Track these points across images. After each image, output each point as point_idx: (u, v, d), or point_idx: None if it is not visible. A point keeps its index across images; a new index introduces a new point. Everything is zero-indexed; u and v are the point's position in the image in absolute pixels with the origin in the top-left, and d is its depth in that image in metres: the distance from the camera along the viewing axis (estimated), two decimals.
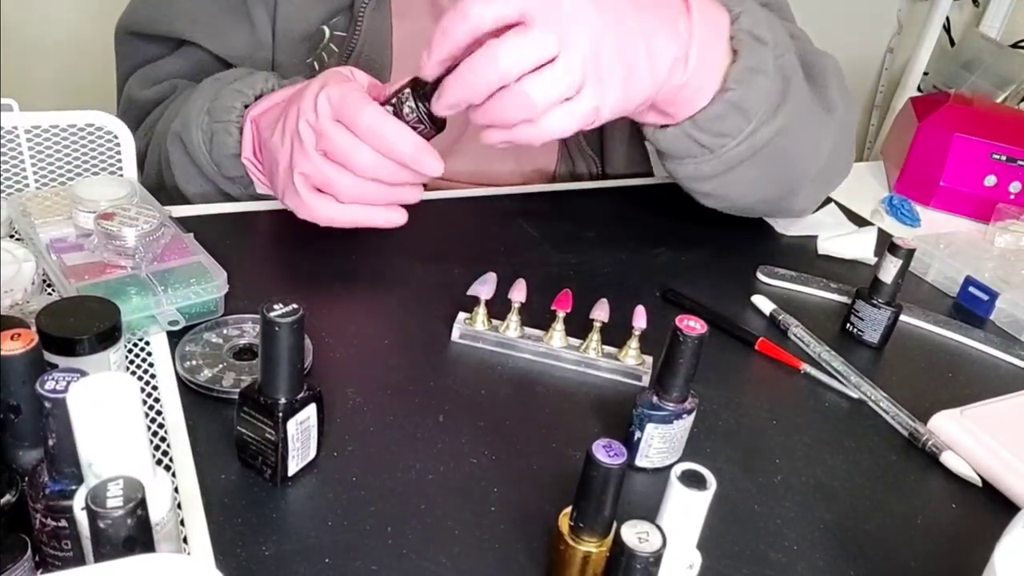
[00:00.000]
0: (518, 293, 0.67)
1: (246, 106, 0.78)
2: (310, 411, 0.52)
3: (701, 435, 0.62)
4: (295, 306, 0.48)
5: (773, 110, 0.75)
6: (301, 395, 0.51)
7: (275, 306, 0.48)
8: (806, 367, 0.72)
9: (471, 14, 0.60)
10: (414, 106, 0.66)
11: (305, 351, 0.61)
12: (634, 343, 0.66)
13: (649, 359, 0.67)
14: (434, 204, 0.87)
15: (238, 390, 0.53)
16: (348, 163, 0.66)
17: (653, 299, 0.79)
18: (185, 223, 0.74)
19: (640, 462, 0.58)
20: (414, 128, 0.66)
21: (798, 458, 0.62)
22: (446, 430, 0.60)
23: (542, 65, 0.60)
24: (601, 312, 0.66)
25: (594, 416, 0.63)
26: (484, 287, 0.66)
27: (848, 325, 0.78)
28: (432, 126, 0.67)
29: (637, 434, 0.57)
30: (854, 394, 0.70)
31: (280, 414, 0.50)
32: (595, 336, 0.67)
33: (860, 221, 1.02)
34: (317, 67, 0.91)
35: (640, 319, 0.65)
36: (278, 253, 0.72)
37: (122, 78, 0.97)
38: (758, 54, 0.72)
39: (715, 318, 0.75)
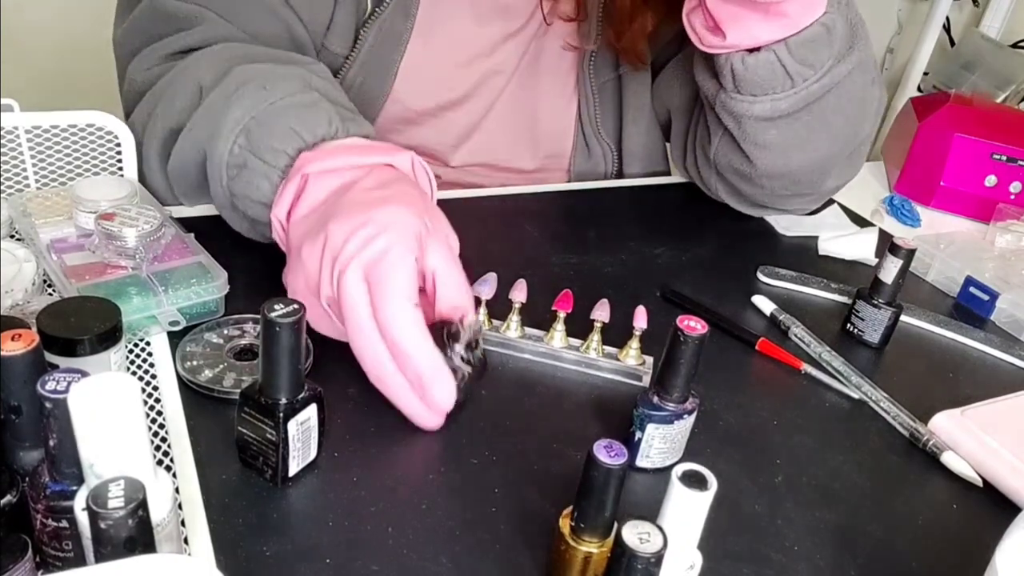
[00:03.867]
0: (519, 293, 0.67)
1: (299, 150, 0.65)
2: (311, 411, 0.52)
3: (702, 435, 0.62)
4: (295, 306, 0.48)
5: (848, 47, 0.76)
6: (302, 395, 0.51)
7: (276, 306, 0.48)
8: (807, 367, 0.72)
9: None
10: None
11: (305, 351, 0.61)
12: (635, 343, 0.66)
13: (650, 359, 0.67)
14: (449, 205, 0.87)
15: (239, 390, 0.53)
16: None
17: (654, 299, 0.79)
18: (186, 223, 0.74)
19: (641, 462, 0.58)
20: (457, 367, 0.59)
21: (799, 458, 0.62)
22: (447, 430, 0.60)
23: None
24: (602, 312, 0.66)
25: (595, 416, 0.63)
26: (485, 287, 0.66)
27: (849, 325, 0.78)
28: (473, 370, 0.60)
29: (638, 434, 0.57)
30: (855, 394, 0.70)
31: (281, 414, 0.50)
32: (596, 336, 0.67)
33: (861, 221, 1.02)
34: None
35: (641, 319, 0.65)
36: (279, 253, 0.72)
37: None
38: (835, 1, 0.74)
39: (716, 318, 0.75)
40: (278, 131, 0.66)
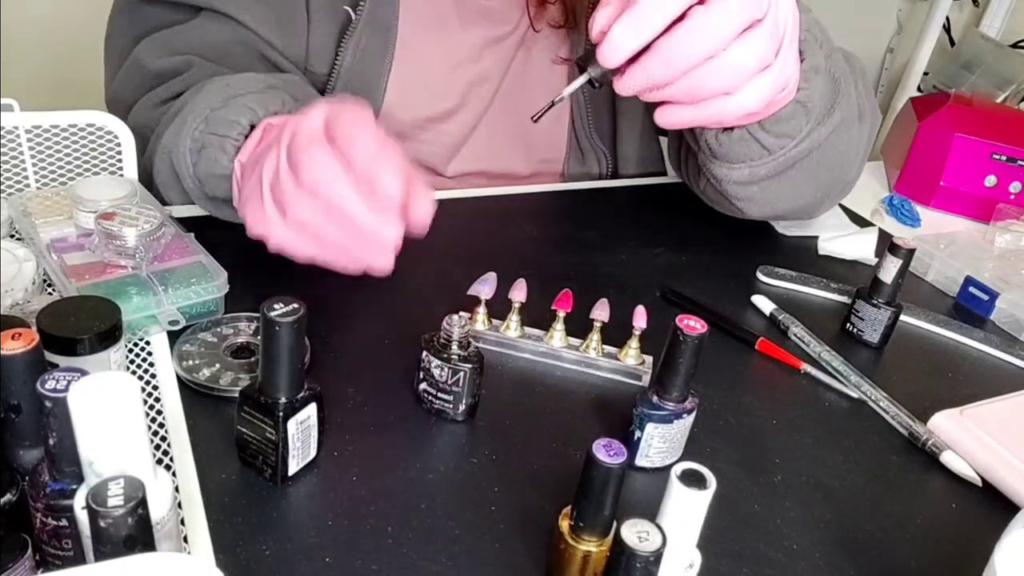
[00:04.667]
0: (518, 293, 0.67)
1: (252, 125, 0.68)
2: (310, 410, 0.52)
3: (701, 435, 0.63)
4: (295, 305, 0.48)
5: (828, 108, 0.75)
6: (301, 394, 0.51)
7: (275, 305, 0.48)
8: (806, 367, 0.72)
9: None
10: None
11: (305, 350, 0.61)
12: (634, 343, 0.66)
13: (649, 359, 0.67)
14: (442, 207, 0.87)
15: (237, 389, 0.53)
16: (314, 186, 0.56)
17: (653, 299, 0.79)
18: (186, 223, 0.74)
19: (640, 462, 0.58)
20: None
21: (798, 458, 0.62)
22: (446, 430, 0.60)
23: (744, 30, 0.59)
24: (601, 312, 0.66)
25: (594, 416, 0.63)
26: (485, 287, 0.66)
27: (848, 325, 0.78)
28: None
29: (637, 434, 0.57)
30: (854, 394, 0.70)
31: (280, 413, 0.50)
32: (595, 336, 0.67)
33: (860, 221, 1.02)
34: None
35: (640, 319, 0.65)
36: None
37: (127, 47, 0.87)
38: (816, 52, 0.72)
39: (715, 318, 0.75)
40: (233, 109, 0.68)
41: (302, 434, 0.52)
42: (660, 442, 0.57)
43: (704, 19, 0.57)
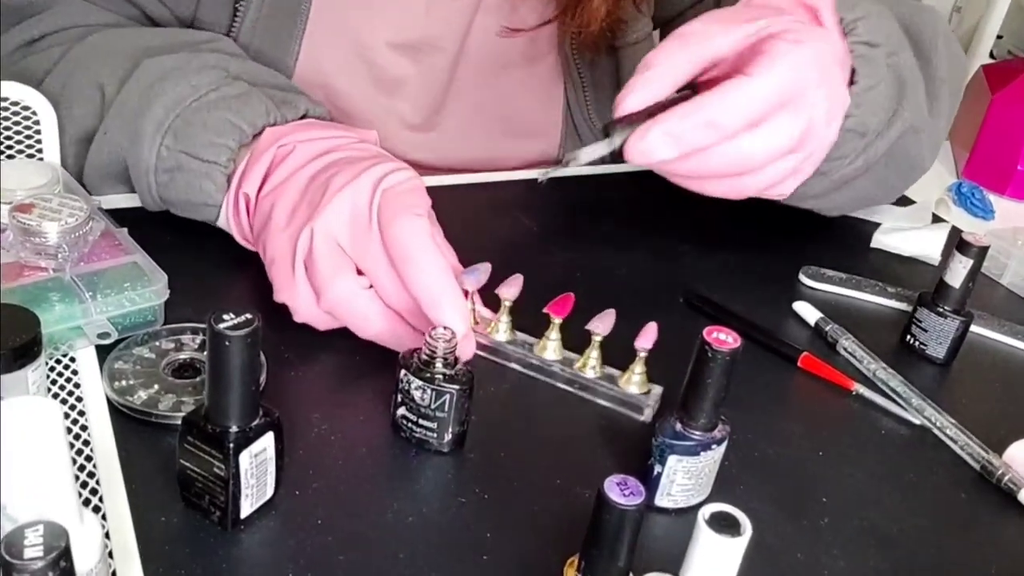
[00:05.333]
0: (510, 289, 0.67)
1: (240, 144, 0.72)
2: (266, 441, 0.52)
3: (734, 469, 0.63)
4: (249, 316, 0.48)
5: (887, 119, 0.76)
6: (256, 422, 0.51)
7: (225, 315, 0.48)
8: (858, 387, 0.72)
9: (708, 42, 0.66)
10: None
11: (260, 369, 0.61)
12: (638, 367, 0.66)
13: (657, 390, 0.66)
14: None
15: (179, 415, 0.53)
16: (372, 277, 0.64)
17: (676, 306, 0.79)
18: (118, 216, 0.74)
19: (661, 501, 0.58)
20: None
21: (849, 496, 0.63)
22: (429, 463, 0.60)
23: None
24: (601, 324, 0.65)
25: (606, 445, 0.63)
26: (472, 277, 0.66)
27: (909, 337, 0.78)
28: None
29: (657, 468, 0.57)
30: (916, 420, 0.70)
31: (231, 445, 0.50)
32: (594, 353, 0.67)
33: (906, 201, 1.02)
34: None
35: (646, 338, 0.65)
36: (229, 251, 0.72)
37: None
38: (873, 64, 0.74)
39: (750, 329, 0.75)
40: (213, 126, 0.71)
41: (257, 469, 0.52)
42: (685, 478, 0.57)
43: (747, 146, 0.66)
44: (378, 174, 0.65)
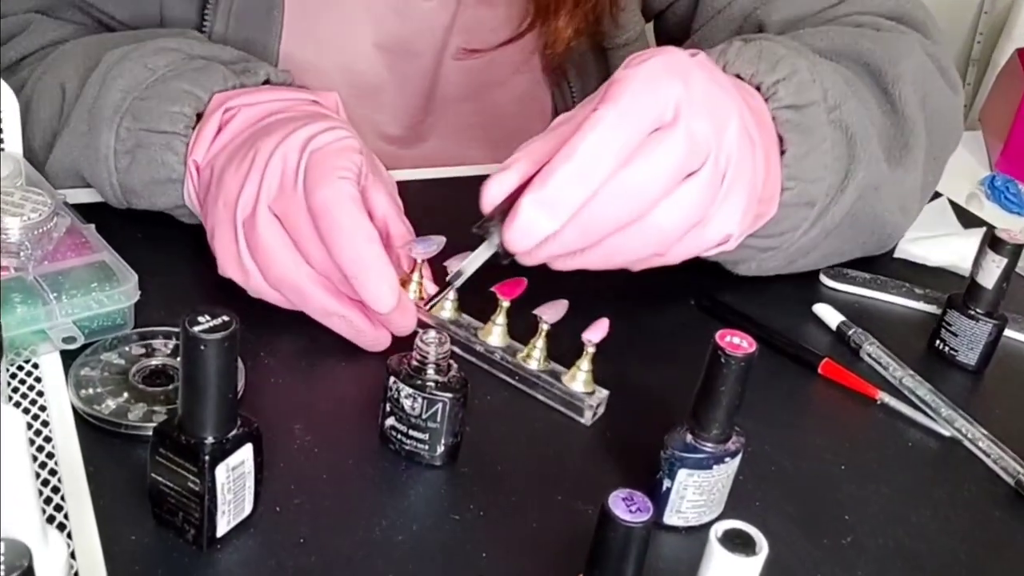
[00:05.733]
0: (457, 262, 0.67)
1: (198, 114, 0.73)
2: (245, 453, 0.52)
3: (749, 484, 0.63)
4: (226, 317, 0.48)
5: (840, 182, 0.76)
6: (233, 433, 0.51)
7: (199, 318, 0.48)
8: (883, 396, 0.72)
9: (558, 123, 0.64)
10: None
11: (238, 375, 0.61)
12: (585, 363, 0.66)
13: (604, 394, 0.66)
14: (401, 187, 0.87)
15: (150, 425, 0.53)
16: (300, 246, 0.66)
17: (687, 308, 0.79)
18: (85, 212, 0.74)
19: (670, 519, 0.58)
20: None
21: (874, 513, 0.63)
22: (420, 477, 0.60)
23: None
24: (550, 311, 0.66)
25: (610, 458, 0.63)
26: (421, 247, 0.67)
27: (938, 342, 0.79)
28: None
29: (666, 483, 0.57)
30: (946, 431, 0.70)
31: (206, 457, 0.50)
32: (539, 342, 0.67)
33: (964, 216, 1.01)
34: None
35: (596, 331, 0.64)
36: (204, 248, 0.72)
37: None
38: (804, 129, 0.72)
39: (766, 333, 0.76)
40: (169, 96, 0.73)
41: (234, 484, 0.52)
42: (696, 494, 0.58)
43: (630, 181, 0.60)
44: (306, 135, 0.66)
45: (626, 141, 0.59)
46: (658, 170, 0.60)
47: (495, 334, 0.68)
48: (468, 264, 0.65)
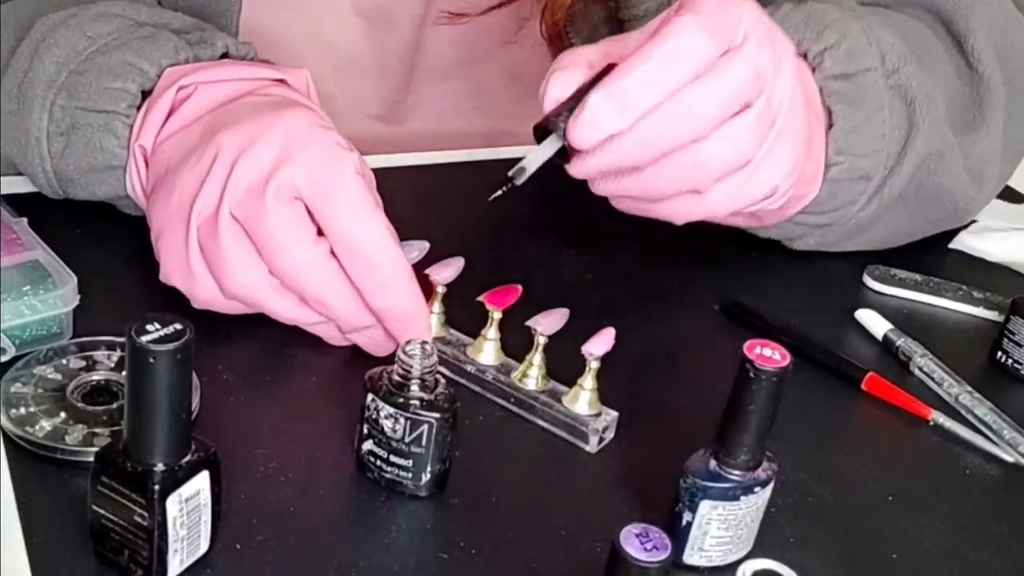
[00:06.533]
0: (445, 270, 0.68)
1: (144, 92, 0.73)
2: (200, 482, 0.52)
3: (781, 517, 0.63)
4: (179, 326, 0.48)
5: (899, 152, 0.78)
6: (187, 459, 0.51)
7: (148, 326, 0.48)
8: (937, 416, 0.72)
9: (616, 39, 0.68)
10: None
11: (193, 392, 0.61)
12: (588, 380, 0.66)
13: (613, 416, 0.66)
14: (386, 174, 0.87)
15: (92, 450, 0.53)
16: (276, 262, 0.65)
17: (709, 314, 0.79)
18: (16, 204, 0.74)
19: (691, 558, 0.58)
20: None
21: (925, 551, 0.63)
22: (403, 510, 0.60)
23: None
24: (546, 322, 0.66)
25: (622, 486, 0.64)
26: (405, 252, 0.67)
27: (999, 354, 0.79)
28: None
29: (687, 516, 0.57)
30: (1008, 456, 0.70)
31: (156, 487, 0.50)
32: (536, 358, 0.67)
33: (1016, 197, 1.02)
34: None
35: (599, 343, 0.65)
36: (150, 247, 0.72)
37: None
38: (860, 98, 0.76)
39: (802, 343, 0.76)
40: (110, 69, 0.72)
41: (188, 517, 0.52)
42: (721, 528, 0.58)
43: (692, 98, 0.64)
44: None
45: (705, 53, 0.64)
46: (722, 92, 0.65)
47: (486, 351, 0.68)
48: (531, 159, 0.67)
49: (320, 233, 0.65)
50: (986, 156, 0.85)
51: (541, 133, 0.67)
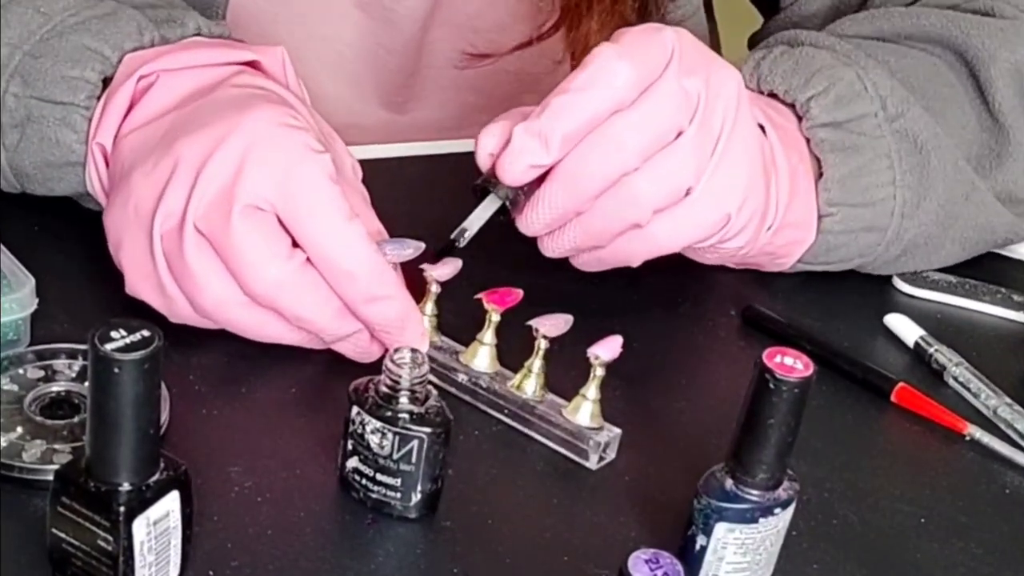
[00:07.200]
0: (441, 268, 0.68)
1: (106, 79, 0.72)
2: (169, 503, 0.52)
3: (804, 541, 0.63)
4: (146, 332, 0.48)
5: (916, 199, 0.79)
6: (155, 478, 0.51)
7: (113, 333, 0.48)
8: (973, 430, 0.72)
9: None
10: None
11: (162, 405, 0.61)
12: (592, 389, 0.65)
13: (615, 433, 0.66)
14: (381, 166, 0.87)
15: (51, 468, 0.53)
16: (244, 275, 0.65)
17: (725, 320, 0.79)
18: None
19: None
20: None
21: None
22: (391, 534, 0.60)
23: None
24: (548, 323, 0.66)
25: (629, 507, 0.63)
26: (393, 249, 0.67)
27: None
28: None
29: (700, 540, 0.57)
30: None
31: (121, 508, 0.50)
32: (536, 364, 0.67)
33: None
34: None
35: (606, 347, 0.64)
36: None
37: None
38: (854, 146, 0.78)
39: (826, 351, 0.76)
40: (67, 55, 0.71)
41: (156, 542, 0.52)
42: (738, 554, 0.57)
43: (612, 131, 0.68)
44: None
45: (625, 80, 0.67)
46: (645, 120, 0.68)
47: (481, 356, 0.68)
48: (473, 220, 0.69)
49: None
50: (1018, 180, 0.86)
51: (481, 193, 0.69)
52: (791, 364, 0.53)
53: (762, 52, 0.82)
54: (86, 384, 0.50)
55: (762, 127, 0.75)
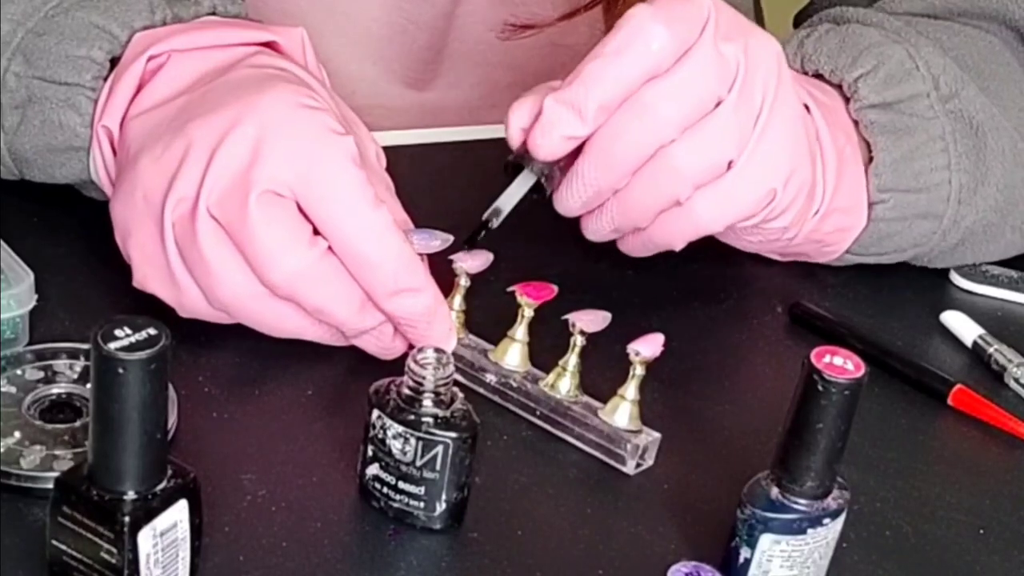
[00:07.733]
0: (471, 259, 0.68)
1: (113, 59, 0.71)
2: (177, 513, 0.52)
3: (855, 554, 0.63)
4: (152, 330, 0.48)
5: (973, 184, 0.79)
6: (162, 486, 0.51)
7: (117, 331, 0.48)
8: None
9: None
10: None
11: (169, 408, 0.61)
12: (630, 391, 0.65)
13: (654, 437, 0.66)
14: (404, 152, 0.87)
15: (52, 475, 0.53)
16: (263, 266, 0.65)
17: (772, 318, 0.79)
18: None
19: None
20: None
21: None
22: (414, 545, 0.60)
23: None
24: (586, 318, 0.66)
25: (668, 517, 0.63)
26: (421, 239, 0.67)
27: None
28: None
29: (744, 552, 0.57)
30: None
31: (126, 518, 0.50)
32: (570, 362, 0.67)
33: None
34: None
35: (647, 344, 0.64)
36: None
37: None
38: (906, 128, 0.78)
39: (879, 351, 0.75)
40: (74, 33, 0.70)
41: (163, 554, 0.52)
42: (784, 567, 0.57)
43: (648, 98, 0.68)
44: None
45: (661, 45, 0.67)
46: (681, 87, 0.68)
47: (512, 353, 0.68)
48: (506, 199, 0.70)
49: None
50: None
51: (513, 170, 0.70)
52: (841, 364, 0.53)
53: (806, 30, 0.82)
54: (88, 386, 0.50)
55: (807, 107, 0.75)
